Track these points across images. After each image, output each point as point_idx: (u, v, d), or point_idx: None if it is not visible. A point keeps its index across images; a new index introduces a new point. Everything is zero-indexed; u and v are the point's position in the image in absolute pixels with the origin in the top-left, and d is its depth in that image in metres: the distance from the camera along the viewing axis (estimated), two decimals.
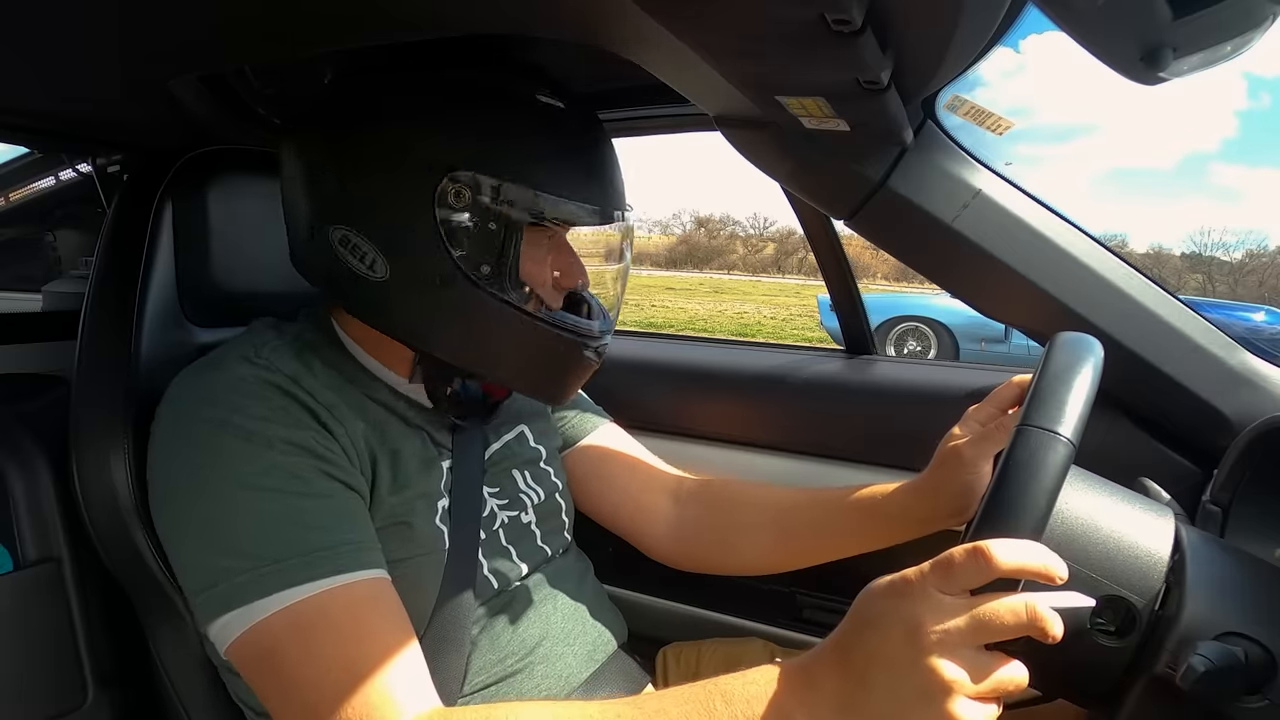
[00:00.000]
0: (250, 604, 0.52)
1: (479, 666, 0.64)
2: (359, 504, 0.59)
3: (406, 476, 0.63)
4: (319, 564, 0.53)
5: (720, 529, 0.81)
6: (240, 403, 0.57)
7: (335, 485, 0.57)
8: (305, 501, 0.55)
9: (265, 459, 0.55)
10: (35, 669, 0.69)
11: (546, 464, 0.78)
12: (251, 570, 0.52)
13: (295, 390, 0.59)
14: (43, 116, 0.80)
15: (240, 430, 0.56)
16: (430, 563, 0.63)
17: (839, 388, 1.09)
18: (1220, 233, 45.66)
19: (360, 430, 0.61)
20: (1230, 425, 0.75)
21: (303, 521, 0.54)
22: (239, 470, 0.55)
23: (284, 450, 0.56)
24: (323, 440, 0.58)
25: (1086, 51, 0.50)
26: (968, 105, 0.72)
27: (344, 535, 0.55)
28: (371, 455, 0.62)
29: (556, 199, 0.60)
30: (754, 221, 47.81)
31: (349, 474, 0.59)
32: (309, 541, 0.54)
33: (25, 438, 0.72)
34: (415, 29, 0.57)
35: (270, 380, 0.59)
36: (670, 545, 0.83)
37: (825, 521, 0.77)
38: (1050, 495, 0.41)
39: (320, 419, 0.59)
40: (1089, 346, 0.49)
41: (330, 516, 0.56)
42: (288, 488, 0.55)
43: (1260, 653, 0.44)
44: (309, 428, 0.58)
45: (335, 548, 0.54)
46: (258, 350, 0.61)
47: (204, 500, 0.55)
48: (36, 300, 1.28)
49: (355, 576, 0.54)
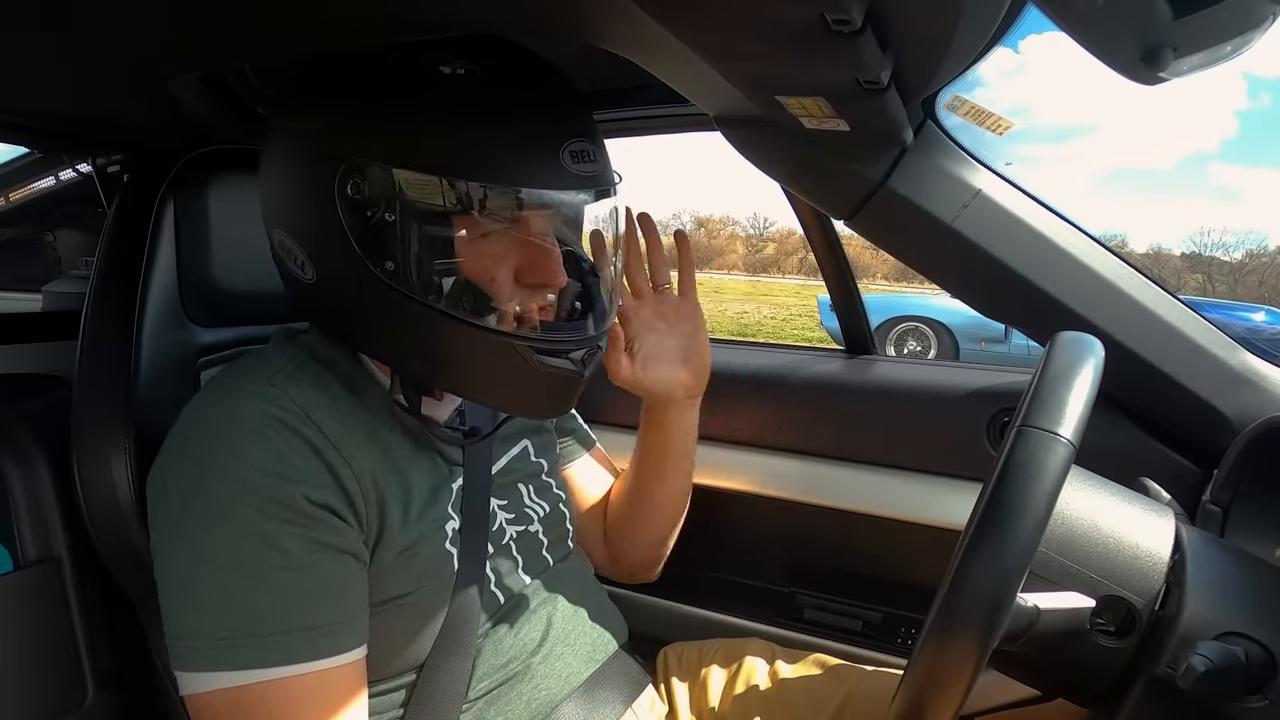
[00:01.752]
0: (196, 673, 0.52)
1: (482, 672, 0.64)
2: (346, 570, 0.56)
3: (418, 509, 0.61)
4: (271, 649, 0.52)
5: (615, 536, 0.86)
6: (241, 446, 0.54)
7: (320, 555, 0.54)
8: (281, 576, 0.53)
9: (247, 523, 0.52)
10: (35, 669, 0.69)
11: (548, 477, 0.77)
12: (206, 640, 0.52)
13: (304, 427, 0.55)
14: (43, 116, 0.81)
15: (229, 487, 0.53)
16: (438, 588, 0.62)
17: (839, 388, 1.09)
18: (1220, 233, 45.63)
19: (369, 467, 0.58)
20: (1230, 425, 0.75)
21: (269, 598, 0.52)
22: (218, 535, 0.52)
23: (270, 514, 0.53)
24: (319, 494, 0.54)
25: (1086, 51, 0.50)
26: (968, 105, 0.72)
27: (307, 618, 0.53)
28: (380, 497, 0.58)
29: (452, 183, 0.54)
30: (754, 221, 47.80)
31: (341, 535, 0.55)
32: (268, 623, 0.52)
33: (25, 438, 0.72)
34: (414, 29, 0.56)
35: (278, 417, 0.55)
36: (610, 566, 0.87)
37: (634, 480, 0.82)
38: (1050, 497, 0.41)
39: (327, 460, 0.56)
40: (1089, 346, 0.49)
41: (300, 594, 0.53)
42: (264, 560, 0.52)
43: (1260, 653, 0.44)
44: (305, 480, 0.54)
45: (291, 633, 0.52)
46: (271, 377, 0.58)
47: (180, 553, 0.54)
48: (36, 300, 1.28)
49: (305, 668, 0.52)
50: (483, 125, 0.54)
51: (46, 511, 0.71)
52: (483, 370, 0.59)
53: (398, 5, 0.52)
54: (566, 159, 0.56)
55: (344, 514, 0.56)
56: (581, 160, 0.57)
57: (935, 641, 0.42)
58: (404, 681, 0.62)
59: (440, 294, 0.56)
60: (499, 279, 0.58)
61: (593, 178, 0.58)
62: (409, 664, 0.62)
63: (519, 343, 0.57)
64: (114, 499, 0.67)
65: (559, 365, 0.59)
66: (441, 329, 0.56)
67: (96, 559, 0.70)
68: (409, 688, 0.62)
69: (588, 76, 0.85)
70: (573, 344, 0.60)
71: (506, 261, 0.58)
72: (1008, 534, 0.40)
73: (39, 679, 0.70)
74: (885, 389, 1.06)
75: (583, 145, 0.57)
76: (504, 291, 0.58)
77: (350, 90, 0.57)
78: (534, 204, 0.58)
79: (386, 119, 0.55)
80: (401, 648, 0.61)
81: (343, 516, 0.56)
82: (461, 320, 0.56)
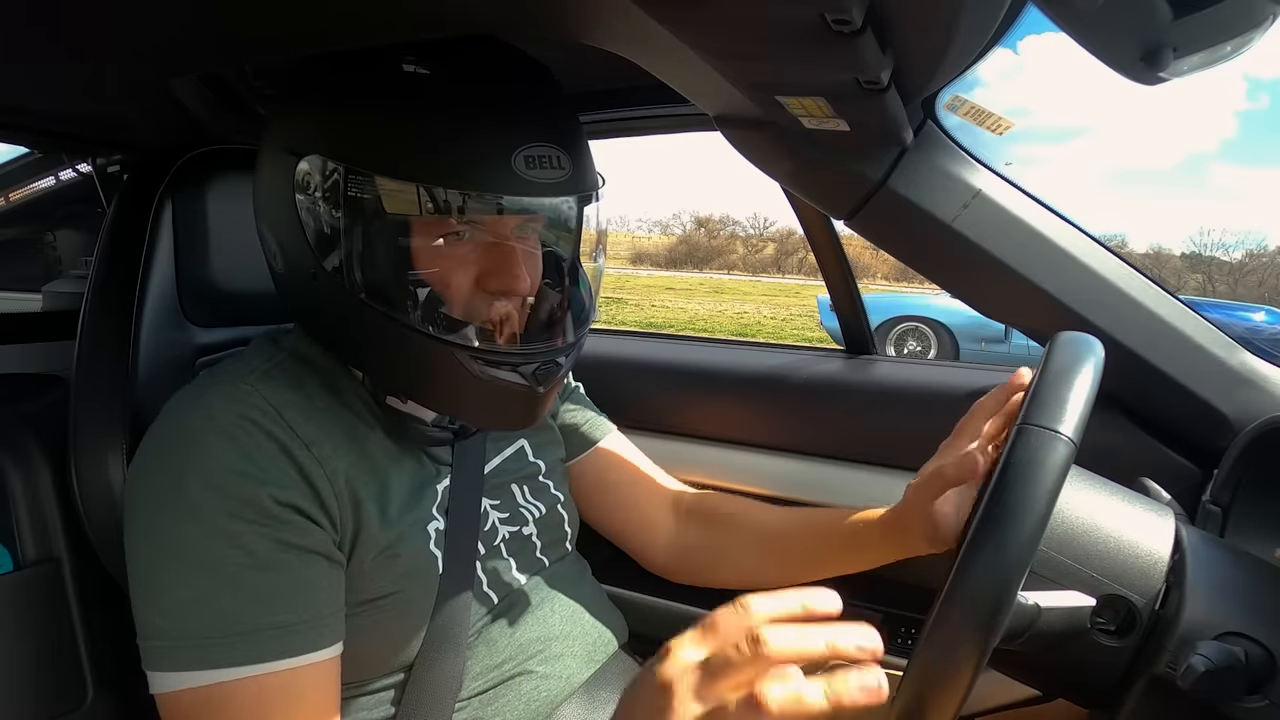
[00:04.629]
0: (165, 673, 0.52)
1: (475, 672, 0.64)
2: (315, 570, 0.55)
3: (396, 510, 0.60)
4: (240, 648, 0.52)
5: (713, 548, 0.82)
6: (211, 446, 0.54)
7: (288, 554, 0.54)
8: (248, 575, 0.52)
9: (213, 523, 0.52)
10: (35, 669, 0.69)
11: (546, 477, 0.76)
12: (175, 640, 0.52)
13: (275, 428, 0.55)
14: (43, 116, 0.81)
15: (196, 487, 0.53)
16: (422, 589, 0.62)
17: (839, 388, 1.09)
18: (1220, 233, 45.64)
19: (344, 468, 0.57)
20: (1230, 425, 0.75)
21: (237, 597, 0.52)
22: (186, 534, 0.52)
23: (236, 514, 0.52)
24: (286, 494, 0.54)
25: (1086, 51, 0.50)
26: (968, 105, 0.72)
27: (275, 617, 0.53)
28: (354, 497, 0.58)
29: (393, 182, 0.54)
30: (754, 221, 47.76)
31: (309, 534, 0.55)
32: (237, 622, 0.52)
33: (25, 438, 0.72)
34: (414, 29, 0.56)
35: (249, 417, 0.55)
36: (667, 560, 0.84)
37: (813, 548, 0.77)
38: (1051, 495, 0.41)
39: (297, 460, 0.55)
40: (1090, 346, 0.49)
41: (268, 593, 0.53)
42: (231, 559, 0.52)
43: (1260, 653, 0.44)
44: (272, 481, 0.54)
45: (259, 632, 0.52)
46: (245, 377, 0.58)
47: (150, 553, 0.54)
48: (36, 300, 1.28)
49: (274, 666, 0.52)
50: (433, 125, 0.54)
51: (46, 511, 0.71)
52: (427, 376, 0.58)
53: (396, 5, 0.52)
54: (519, 163, 0.54)
55: (313, 514, 0.56)
56: (539, 165, 0.55)
57: (935, 641, 0.42)
58: (393, 681, 0.62)
59: (385, 294, 0.56)
60: (455, 283, 0.57)
61: (550, 185, 0.56)
62: (398, 664, 0.62)
63: (459, 350, 0.56)
64: (112, 498, 0.67)
65: (503, 377, 0.58)
66: (383, 329, 0.56)
67: (96, 559, 0.70)
68: (398, 687, 0.62)
69: (585, 76, 0.85)
70: (518, 358, 0.58)
71: (467, 266, 0.57)
72: (1008, 533, 0.40)
73: (39, 679, 0.69)
74: (885, 389, 1.06)
75: (542, 150, 0.55)
76: (460, 296, 0.57)
77: (318, 88, 0.59)
78: (482, 209, 0.57)
79: (344, 116, 0.56)
80: (388, 648, 0.61)
81: (311, 517, 0.56)
82: (400, 323, 0.56)
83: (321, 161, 0.55)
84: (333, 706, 0.56)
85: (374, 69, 0.56)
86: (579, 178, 0.58)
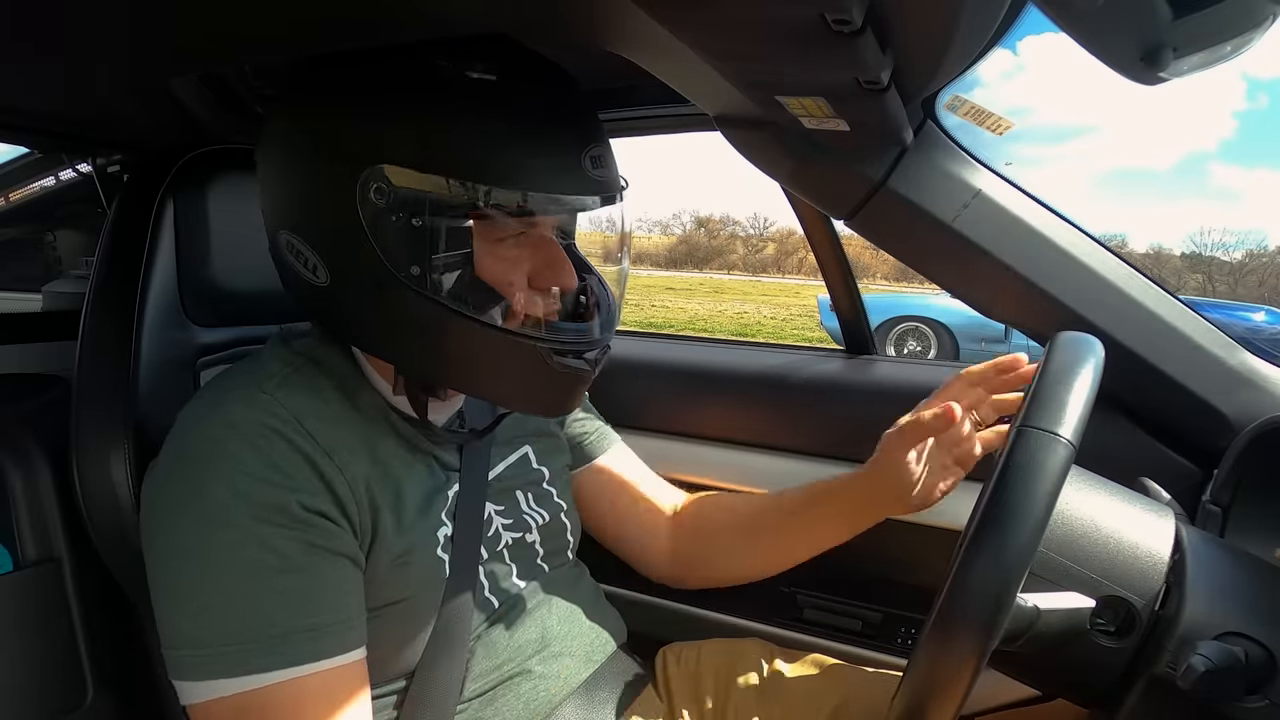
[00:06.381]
0: (197, 682, 0.52)
1: (475, 674, 0.64)
2: (342, 571, 0.56)
3: (410, 517, 0.61)
4: (274, 652, 0.52)
5: (704, 550, 0.83)
6: (236, 454, 0.54)
7: (316, 556, 0.54)
8: (280, 578, 0.53)
9: (243, 529, 0.52)
10: (35, 669, 0.69)
11: (549, 484, 0.76)
12: (209, 647, 0.52)
13: (296, 436, 0.56)
14: (43, 116, 0.81)
15: (223, 494, 0.53)
16: (429, 594, 0.62)
17: (839, 388, 1.09)
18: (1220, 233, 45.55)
19: (362, 475, 0.58)
20: (1230, 425, 0.75)
21: (270, 599, 0.52)
22: (215, 541, 0.52)
23: (266, 519, 0.53)
24: (313, 501, 0.55)
25: (1086, 51, 0.50)
26: (968, 105, 0.72)
27: (308, 619, 0.53)
28: (373, 504, 0.59)
29: (482, 188, 0.54)
30: (754, 221, 47.77)
31: (336, 538, 0.56)
32: (272, 625, 0.52)
33: (25, 438, 0.72)
34: (414, 30, 0.56)
35: (271, 425, 0.55)
36: (668, 568, 0.85)
37: (787, 523, 0.79)
38: (1050, 498, 0.41)
39: (319, 468, 0.56)
40: (1089, 346, 0.49)
41: (300, 595, 0.53)
42: (263, 563, 0.52)
43: (1260, 653, 0.44)
44: (299, 488, 0.54)
45: (293, 634, 0.52)
46: (263, 384, 0.58)
47: (177, 561, 0.54)
48: (36, 300, 1.28)
49: (309, 669, 0.53)
50: (510, 131, 0.54)
51: (46, 511, 0.71)
52: (501, 371, 0.59)
53: (402, 5, 0.52)
54: (588, 164, 0.56)
55: (337, 519, 0.56)
56: (599, 165, 0.58)
57: (935, 642, 0.42)
58: (397, 686, 0.62)
59: (462, 297, 0.56)
60: (515, 281, 0.58)
61: (608, 182, 0.59)
62: (402, 669, 0.62)
63: (540, 345, 0.58)
64: (113, 499, 0.67)
65: (575, 365, 0.59)
66: (465, 332, 0.56)
67: (96, 559, 0.70)
68: (401, 691, 0.62)
69: (588, 76, 0.85)
70: (587, 345, 0.61)
71: (521, 264, 0.59)
72: (1008, 534, 0.40)
73: (39, 679, 0.70)
74: (885, 389, 1.06)
75: (599, 150, 0.58)
76: (518, 293, 0.58)
77: (366, 90, 0.56)
78: (559, 209, 0.59)
79: (412, 122, 0.54)
80: (394, 652, 0.61)
81: (336, 521, 0.56)
82: (485, 324, 0.56)
83: (405, 172, 0.53)
84: (364, 704, 0.56)
85: (432, 75, 0.55)
86: (617, 172, 0.61)
